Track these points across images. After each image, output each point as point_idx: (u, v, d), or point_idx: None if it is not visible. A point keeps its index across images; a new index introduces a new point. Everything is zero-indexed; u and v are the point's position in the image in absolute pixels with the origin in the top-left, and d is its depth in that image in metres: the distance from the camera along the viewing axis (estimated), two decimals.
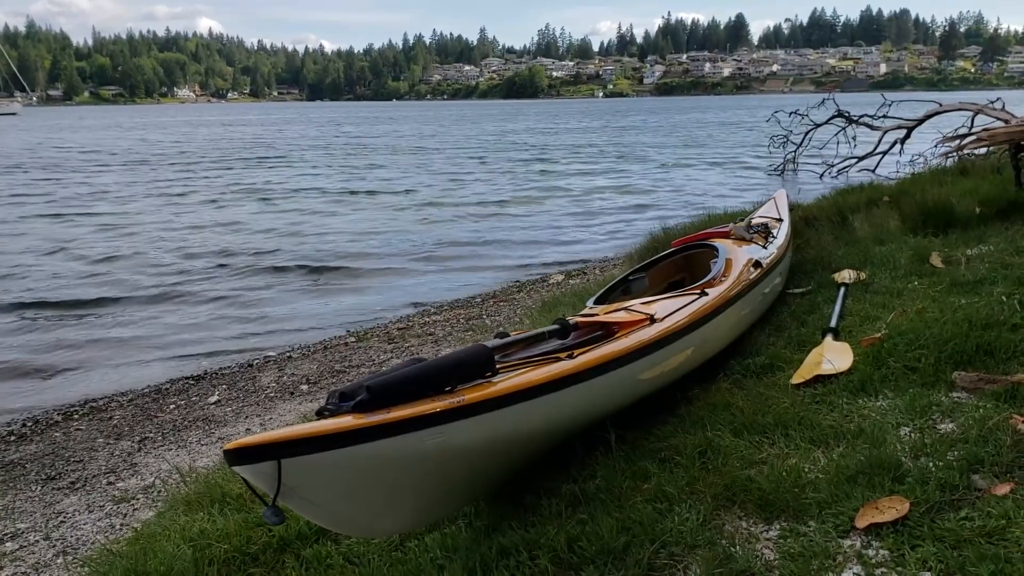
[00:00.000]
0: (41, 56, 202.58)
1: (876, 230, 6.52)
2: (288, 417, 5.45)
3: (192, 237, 13.72)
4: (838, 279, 5.05)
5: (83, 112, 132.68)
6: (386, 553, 2.62)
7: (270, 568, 2.72)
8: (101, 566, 3.00)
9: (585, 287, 7.84)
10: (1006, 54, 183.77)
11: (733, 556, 2.21)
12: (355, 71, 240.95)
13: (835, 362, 3.49)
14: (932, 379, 3.24)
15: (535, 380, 2.57)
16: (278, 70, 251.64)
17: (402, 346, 7.08)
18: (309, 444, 1.97)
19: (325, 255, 12.02)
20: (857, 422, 2.93)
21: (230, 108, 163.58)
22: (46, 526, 4.20)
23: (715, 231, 5.17)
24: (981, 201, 6.70)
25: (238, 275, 10.75)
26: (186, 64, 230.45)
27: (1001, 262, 4.90)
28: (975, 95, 17.18)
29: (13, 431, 5.74)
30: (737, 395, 3.36)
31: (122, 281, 10.48)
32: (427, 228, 14.31)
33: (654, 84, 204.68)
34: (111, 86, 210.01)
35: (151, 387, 6.60)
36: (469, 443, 2.34)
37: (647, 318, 3.32)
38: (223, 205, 17.81)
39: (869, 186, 9.39)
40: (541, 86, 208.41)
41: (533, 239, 13.05)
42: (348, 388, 2.21)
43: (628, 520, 2.44)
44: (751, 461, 2.75)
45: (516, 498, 2.74)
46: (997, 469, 2.44)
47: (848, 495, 2.40)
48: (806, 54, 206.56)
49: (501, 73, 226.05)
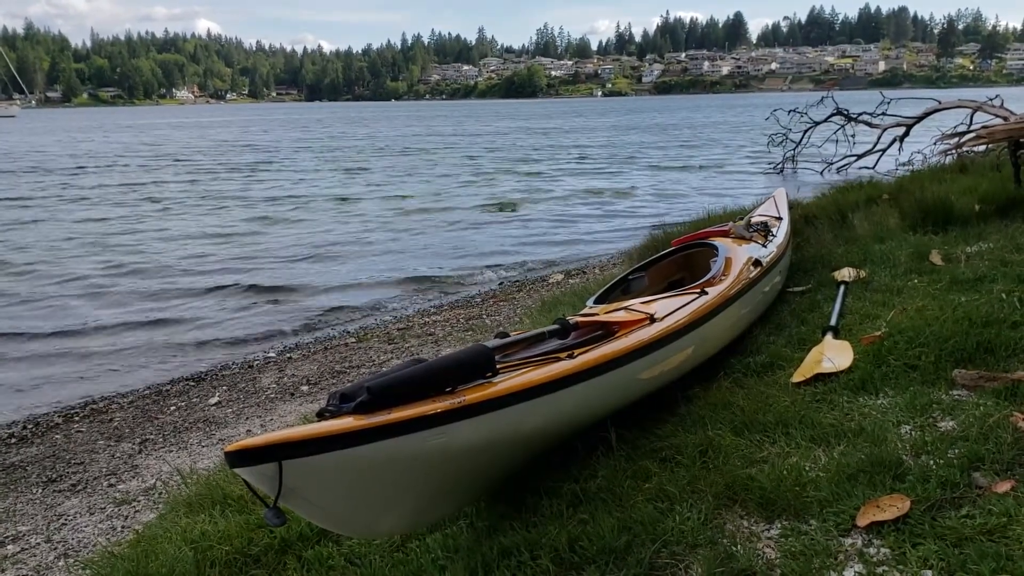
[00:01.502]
0: (39, 58, 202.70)
1: (876, 228, 6.51)
2: (289, 418, 5.45)
3: (185, 240, 13.74)
4: (838, 277, 5.04)
5: (76, 114, 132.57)
6: (388, 554, 2.62)
7: (271, 570, 2.72)
8: (102, 568, 3.01)
9: (585, 287, 7.83)
10: (1005, 51, 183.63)
11: (734, 555, 2.21)
12: (354, 71, 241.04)
13: (835, 360, 3.49)
14: (932, 377, 3.23)
15: (535, 380, 2.57)
16: (277, 71, 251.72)
17: (402, 346, 7.08)
18: (310, 445, 1.97)
19: (315, 257, 12.05)
20: (858, 420, 2.93)
21: (227, 109, 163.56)
22: (47, 528, 4.20)
23: (715, 230, 5.16)
24: (980, 198, 6.69)
25: (235, 275, 10.77)
26: (184, 65, 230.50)
27: (1001, 259, 4.90)
28: (974, 92, 17.17)
29: (14, 433, 5.74)
30: (738, 394, 3.36)
31: (120, 281, 10.48)
32: (425, 226, 14.32)
33: (653, 83, 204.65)
34: (110, 88, 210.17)
35: (151, 389, 6.60)
36: (470, 443, 2.33)
37: (647, 317, 3.32)
38: (213, 211, 17.79)
39: (868, 184, 9.38)
40: (540, 86, 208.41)
41: (531, 238, 13.05)
42: (349, 389, 2.21)
43: (629, 519, 2.44)
44: (752, 460, 2.75)
45: (517, 498, 2.74)
46: (998, 467, 2.44)
47: (849, 493, 2.40)
48: (805, 52, 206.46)
49: (500, 73, 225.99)
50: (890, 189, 8.34)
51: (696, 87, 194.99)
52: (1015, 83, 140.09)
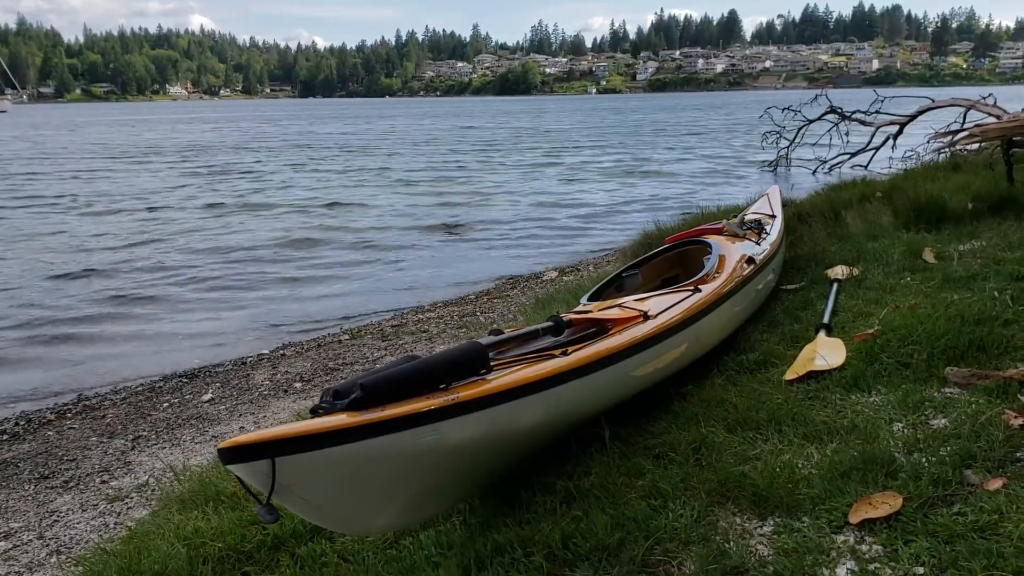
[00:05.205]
0: (32, 54, 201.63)
1: (869, 226, 6.53)
2: (282, 415, 5.44)
3: (183, 235, 13.70)
4: (831, 275, 5.06)
5: (68, 110, 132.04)
6: (381, 550, 2.62)
7: (265, 566, 2.72)
8: (95, 565, 2.99)
9: (579, 283, 7.84)
10: (998, 50, 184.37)
11: (727, 552, 2.21)
12: (348, 68, 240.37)
13: (828, 358, 3.50)
14: (925, 375, 3.25)
15: (529, 377, 2.57)
16: (270, 67, 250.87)
17: (396, 343, 7.08)
18: (303, 442, 1.96)
19: (313, 252, 12.02)
20: (850, 418, 2.94)
21: (219, 105, 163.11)
22: (39, 525, 4.18)
23: (708, 227, 5.17)
24: (973, 197, 6.71)
25: (230, 268, 10.74)
26: (178, 61, 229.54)
27: (993, 257, 4.92)
28: (967, 91, 17.20)
29: (6, 430, 5.72)
30: (731, 391, 3.36)
31: (117, 280, 10.45)
32: (423, 224, 14.31)
33: (647, 80, 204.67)
34: (103, 83, 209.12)
35: (144, 385, 6.58)
36: (464, 440, 2.33)
37: (641, 315, 3.32)
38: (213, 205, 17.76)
39: (862, 182, 9.40)
40: (534, 83, 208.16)
41: (529, 237, 13.05)
42: (342, 386, 2.20)
43: (622, 516, 2.44)
44: (745, 457, 2.76)
45: (511, 495, 2.73)
46: (989, 464, 2.45)
47: (841, 491, 2.41)
48: (799, 50, 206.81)
49: (494, 69, 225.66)
50: (883, 187, 8.35)
51: (690, 85, 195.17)
52: (1008, 82, 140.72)
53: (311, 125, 60.73)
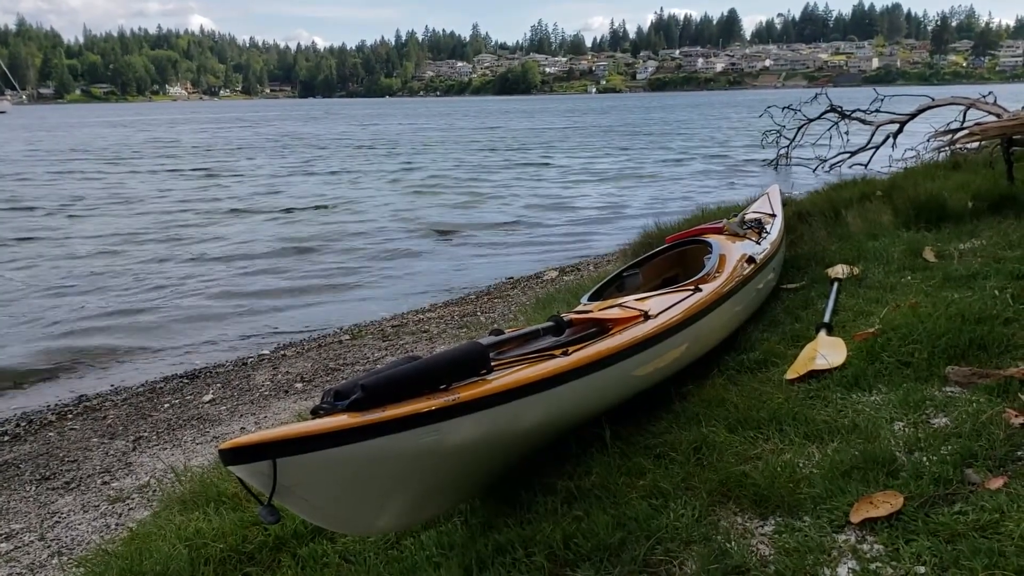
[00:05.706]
0: (32, 54, 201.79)
1: (869, 225, 6.52)
2: (283, 416, 5.44)
3: (183, 235, 13.70)
4: (831, 274, 5.05)
5: (68, 110, 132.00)
6: (382, 551, 2.62)
7: (266, 567, 2.72)
8: (96, 566, 3.00)
9: (579, 283, 7.84)
10: (997, 48, 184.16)
11: (728, 551, 2.21)
12: (347, 68, 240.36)
13: (829, 357, 3.49)
14: (925, 374, 3.24)
15: (530, 377, 2.57)
16: (270, 67, 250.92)
17: (396, 344, 7.08)
18: (304, 443, 1.96)
19: (312, 253, 12.02)
20: (851, 417, 2.93)
21: (219, 106, 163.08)
22: (41, 526, 4.18)
23: (709, 227, 5.17)
24: (973, 195, 6.70)
25: (231, 270, 10.74)
26: (178, 62, 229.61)
27: (994, 256, 4.92)
28: (967, 89, 17.22)
29: (7, 431, 5.72)
30: (731, 391, 3.36)
31: (116, 279, 10.45)
32: (421, 224, 14.32)
33: (647, 80, 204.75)
34: (102, 84, 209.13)
35: (145, 386, 6.58)
36: (464, 441, 2.33)
37: (641, 314, 3.32)
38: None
39: (862, 181, 9.37)
40: (534, 82, 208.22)
41: (529, 237, 13.05)
42: (343, 387, 2.20)
43: (623, 516, 2.44)
44: (746, 457, 2.75)
45: (512, 495, 2.74)
46: (990, 463, 2.45)
47: (842, 490, 2.41)
48: (799, 49, 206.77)
49: (494, 69, 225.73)
50: (883, 186, 8.35)
51: (690, 84, 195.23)
52: (1008, 80, 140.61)
53: (306, 125, 60.66)
